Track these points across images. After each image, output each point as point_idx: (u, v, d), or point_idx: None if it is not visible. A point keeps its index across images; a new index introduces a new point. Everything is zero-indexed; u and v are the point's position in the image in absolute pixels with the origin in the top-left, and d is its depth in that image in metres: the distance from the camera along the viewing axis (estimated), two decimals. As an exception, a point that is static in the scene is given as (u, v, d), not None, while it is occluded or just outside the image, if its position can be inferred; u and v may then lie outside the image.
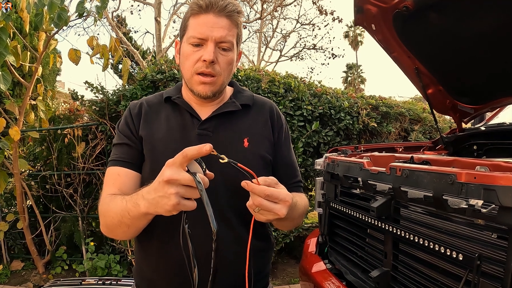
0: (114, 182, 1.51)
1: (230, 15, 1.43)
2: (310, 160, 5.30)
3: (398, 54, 2.80)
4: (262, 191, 1.18)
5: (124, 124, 1.60)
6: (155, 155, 1.50)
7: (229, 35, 1.44)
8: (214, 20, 1.41)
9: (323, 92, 5.64)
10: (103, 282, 3.95)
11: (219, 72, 1.46)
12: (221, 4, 1.41)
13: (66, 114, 5.63)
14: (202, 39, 1.42)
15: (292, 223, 1.60)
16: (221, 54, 1.45)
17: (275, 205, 1.21)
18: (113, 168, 1.53)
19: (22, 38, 5.07)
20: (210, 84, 1.47)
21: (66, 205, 5.44)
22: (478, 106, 3.07)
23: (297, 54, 18.84)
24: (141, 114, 1.60)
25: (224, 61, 1.46)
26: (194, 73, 1.46)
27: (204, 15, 1.42)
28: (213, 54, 1.41)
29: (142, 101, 1.66)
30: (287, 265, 5.68)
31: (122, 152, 1.55)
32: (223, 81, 1.51)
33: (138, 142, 1.55)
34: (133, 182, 1.52)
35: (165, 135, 1.53)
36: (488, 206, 1.35)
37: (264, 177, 1.23)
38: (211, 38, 1.41)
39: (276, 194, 1.20)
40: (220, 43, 1.43)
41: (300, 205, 1.55)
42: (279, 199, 1.21)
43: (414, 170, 1.77)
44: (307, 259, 2.90)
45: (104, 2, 4.42)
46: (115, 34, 12.18)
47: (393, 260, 2.00)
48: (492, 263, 1.44)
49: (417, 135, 6.10)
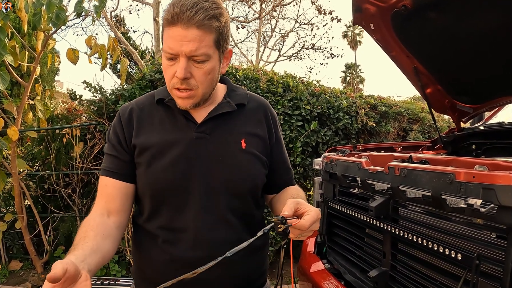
0: (102, 193, 1.53)
1: (201, 24, 1.32)
2: (308, 160, 5.30)
3: (397, 53, 2.80)
4: (303, 225, 1.19)
5: (113, 134, 1.57)
6: (153, 161, 1.49)
7: (201, 47, 1.34)
8: (183, 33, 1.31)
9: (321, 92, 5.64)
10: (101, 282, 3.94)
11: (195, 86, 1.41)
12: (188, 14, 1.30)
13: (65, 114, 5.61)
14: (173, 54, 1.35)
15: None
16: (195, 67, 1.38)
17: (314, 225, 1.22)
18: (102, 178, 1.55)
19: (21, 38, 5.06)
20: (188, 98, 1.43)
21: (64, 205, 5.43)
22: (477, 106, 3.08)
23: (295, 54, 18.84)
24: (133, 121, 1.56)
25: (200, 74, 1.39)
26: (172, 88, 1.43)
27: (173, 27, 1.33)
28: (184, 71, 1.34)
29: (132, 105, 1.62)
30: (285, 265, 5.65)
31: (110, 162, 1.55)
32: (203, 92, 1.45)
33: (126, 152, 1.53)
34: (119, 193, 1.52)
35: (161, 140, 1.51)
36: (487, 205, 1.35)
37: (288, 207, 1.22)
38: (181, 53, 1.33)
39: (312, 220, 1.21)
40: (193, 56, 1.35)
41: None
42: (316, 220, 1.22)
43: (412, 169, 1.76)
44: (306, 259, 2.90)
45: (102, 1, 4.41)
46: (113, 33, 12.17)
47: (392, 260, 2.00)
48: (491, 263, 1.44)
49: (415, 134, 6.10)
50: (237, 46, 18.40)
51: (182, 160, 1.47)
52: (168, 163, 1.47)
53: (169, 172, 1.47)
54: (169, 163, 1.47)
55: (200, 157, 1.48)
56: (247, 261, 1.44)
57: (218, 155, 1.46)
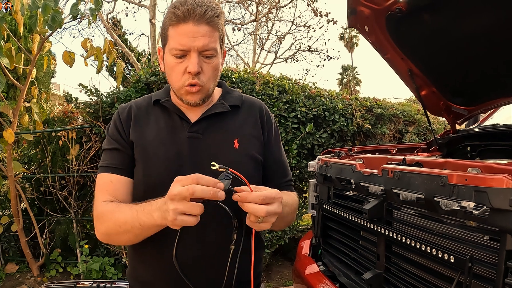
0: (107, 189, 1.53)
1: (211, 21, 1.40)
2: (304, 162, 5.31)
3: (392, 55, 2.81)
4: (257, 196, 1.20)
5: (113, 128, 1.60)
6: (147, 158, 1.52)
7: (211, 42, 1.41)
8: (195, 29, 1.37)
9: (317, 94, 5.64)
10: (97, 284, 3.95)
11: (204, 82, 1.46)
12: (200, 11, 1.37)
13: (61, 117, 5.62)
14: (184, 50, 1.40)
15: (283, 222, 1.61)
16: (205, 63, 1.44)
17: (272, 206, 1.22)
18: (104, 175, 1.55)
19: (16, 40, 5.07)
20: (198, 93, 1.48)
21: (60, 207, 5.43)
22: (472, 108, 3.08)
23: (292, 56, 18.85)
24: (131, 118, 1.60)
25: (209, 69, 1.45)
26: (183, 86, 1.46)
27: (183, 24, 1.38)
28: (197, 66, 1.40)
29: (131, 104, 1.66)
30: (282, 267, 5.68)
31: (112, 158, 1.56)
32: (210, 88, 1.51)
33: (128, 146, 1.56)
34: (125, 188, 1.54)
35: (155, 138, 1.54)
36: (480, 208, 1.35)
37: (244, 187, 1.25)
38: (193, 48, 1.39)
39: (269, 195, 1.22)
40: (204, 51, 1.41)
41: (288, 202, 1.57)
42: (274, 198, 1.23)
43: (405, 172, 1.77)
44: (301, 261, 2.90)
45: (98, 4, 4.41)
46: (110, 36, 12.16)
47: (386, 262, 2.00)
48: (484, 265, 1.44)
49: (411, 136, 6.11)
50: (233, 48, 18.41)
51: (174, 159, 1.50)
52: (161, 162, 1.50)
53: (162, 170, 1.49)
54: (162, 161, 1.50)
55: (193, 156, 1.50)
56: (240, 263, 1.44)
57: (210, 154, 1.47)
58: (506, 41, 2.34)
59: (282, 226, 1.66)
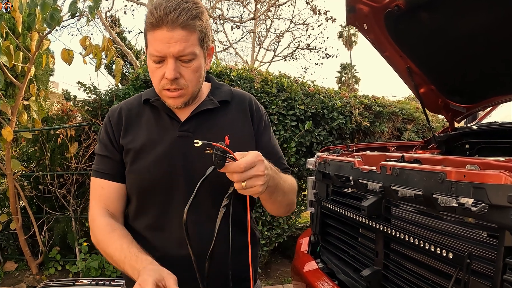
0: (99, 195, 1.57)
1: (186, 25, 1.35)
2: (303, 160, 5.30)
3: (390, 53, 2.81)
4: (237, 165, 1.19)
5: (104, 133, 1.61)
6: (138, 160, 1.53)
7: (188, 47, 1.37)
8: (168, 35, 1.34)
9: (316, 92, 5.63)
10: (96, 282, 3.95)
11: (185, 85, 1.45)
12: (172, 16, 1.33)
13: (59, 115, 5.60)
14: (160, 57, 1.39)
15: (285, 198, 1.56)
16: (183, 67, 1.42)
17: (254, 169, 1.21)
18: (96, 179, 1.59)
19: (15, 38, 5.06)
20: (179, 97, 1.47)
21: (59, 205, 5.41)
22: (470, 105, 3.08)
23: (291, 54, 18.81)
24: (122, 121, 1.60)
25: (188, 73, 1.43)
26: (162, 89, 1.47)
27: (158, 30, 1.35)
28: (173, 72, 1.38)
29: (121, 106, 1.66)
30: (280, 265, 5.68)
31: (103, 163, 1.58)
32: (193, 90, 1.49)
33: (117, 152, 1.58)
34: (116, 194, 1.58)
35: (147, 139, 1.55)
36: (478, 204, 1.35)
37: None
38: (169, 54, 1.37)
39: (249, 160, 1.20)
40: (180, 56, 1.39)
41: (287, 180, 1.56)
42: (254, 162, 1.21)
43: (404, 168, 1.77)
44: (299, 259, 2.91)
45: (97, 2, 4.41)
46: (108, 34, 12.15)
47: (384, 259, 2.01)
48: (482, 261, 1.45)
49: (410, 134, 6.11)
50: (232, 47, 18.39)
51: (166, 159, 1.51)
52: (152, 162, 1.51)
53: (153, 170, 1.50)
54: (153, 162, 1.51)
55: (184, 155, 1.51)
56: (236, 260, 1.44)
57: (202, 152, 1.47)
58: (504, 39, 2.35)
59: (284, 203, 1.59)
